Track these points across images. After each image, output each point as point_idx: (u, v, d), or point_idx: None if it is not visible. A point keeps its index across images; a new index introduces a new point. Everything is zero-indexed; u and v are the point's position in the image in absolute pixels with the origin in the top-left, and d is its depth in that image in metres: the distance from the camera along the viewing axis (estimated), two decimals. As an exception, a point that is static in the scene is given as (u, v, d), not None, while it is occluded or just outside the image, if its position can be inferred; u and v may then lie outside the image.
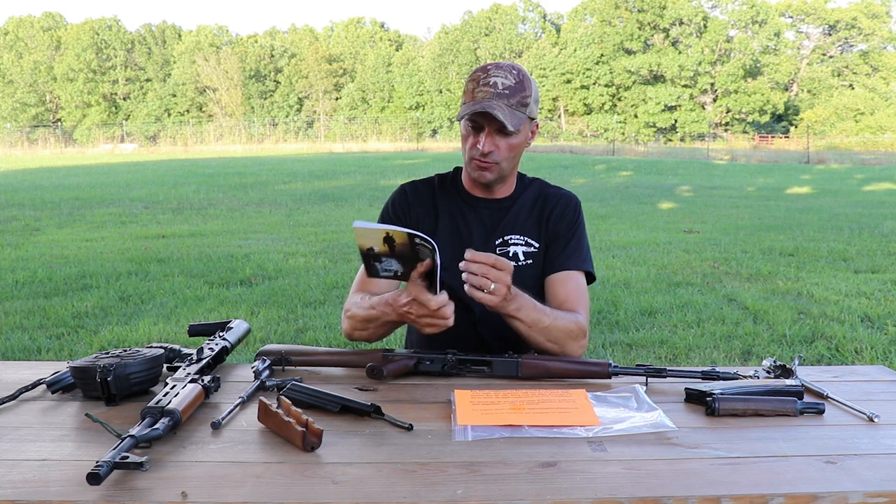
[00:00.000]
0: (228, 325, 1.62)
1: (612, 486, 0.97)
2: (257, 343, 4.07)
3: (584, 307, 1.63)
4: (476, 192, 1.73)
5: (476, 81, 1.58)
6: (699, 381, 1.40)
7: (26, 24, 63.83)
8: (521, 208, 1.72)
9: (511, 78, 1.57)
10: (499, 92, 1.55)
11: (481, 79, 1.57)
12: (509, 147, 1.61)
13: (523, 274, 1.66)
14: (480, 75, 1.58)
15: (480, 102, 1.54)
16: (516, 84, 1.57)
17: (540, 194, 1.75)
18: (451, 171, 1.81)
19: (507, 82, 1.56)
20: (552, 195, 1.75)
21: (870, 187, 16.32)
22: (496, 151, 1.59)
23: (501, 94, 1.56)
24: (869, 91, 50.51)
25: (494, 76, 1.57)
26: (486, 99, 1.55)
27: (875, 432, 1.18)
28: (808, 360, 3.91)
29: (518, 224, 1.71)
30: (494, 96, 1.55)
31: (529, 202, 1.74)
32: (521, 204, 1.73)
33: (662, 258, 6.92)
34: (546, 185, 1.78)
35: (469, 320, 1.65)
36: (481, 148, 1.58)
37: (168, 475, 0.99)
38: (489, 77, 1.57)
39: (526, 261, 1.68)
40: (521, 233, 1.70)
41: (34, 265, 6.52)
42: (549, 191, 1.76)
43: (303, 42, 65.96)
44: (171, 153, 39.03)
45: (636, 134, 51.80)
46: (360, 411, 1.21)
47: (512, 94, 1.56)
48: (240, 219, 10.26)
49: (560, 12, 75.72)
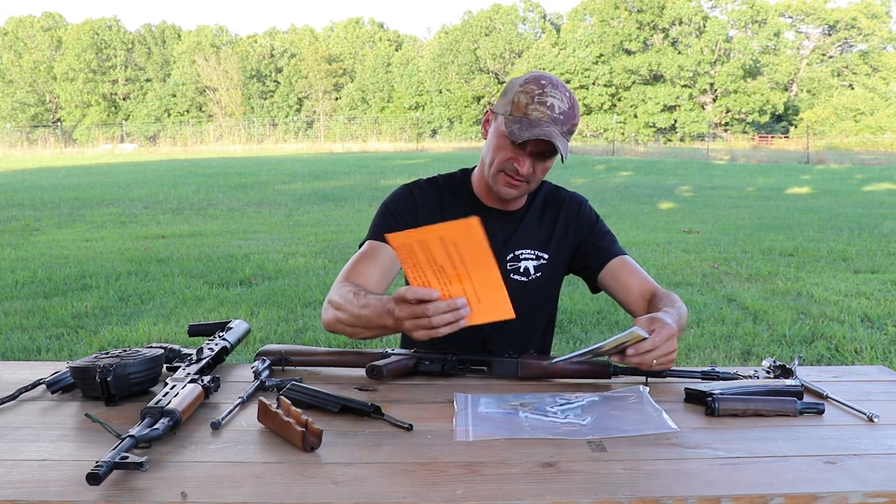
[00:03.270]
0: (228, 326, 1.62)
1: (612, 486, 0.97)
2: (257, 343, 4.07)
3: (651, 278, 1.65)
4: (489, 202, 1.67)
5: (530, 96, 1.49)
6: (699, 382, 1.40)
7: (26, 24, 63.81)
8: (532, 220, 1.69)
9: (566, 102, 1.50)
10: (555, 116, 1.48)
11: (536, 95, 1.48)
12: (544, 170, 1.57)
13: (534, 288, 1.66)
14: (535, 90, 1.49)
15: (540, 126, 1.46)
16: (569, 109, 1.50)
17: (546, 200, 1.72)
18: (459, 174, 1.73)
19: (563, 106, 1.49)
20: (562, 198, 1.72)
21: (870, 187, 16.32)
22: (531, 174, 1.55)
23: (557, 120, 1.48)
24: (869, 91, 50.51)
25: (551, 97, 1.48)
26: (545, 122, 1.47)
27: (875, 432, 1.18)
28: (807, 360, 3.91)
29: (528, 237, 1.67)
30: (552, 121, 1.48)
31: (539, 208, 1.70)
32: (531, 215, 1.69)
33: (662, 258, 6.92)
34: (552, 188, 1.75)
35: (478, 338, 1.64)
36: (523, 170, 1.52)
37: (168, 475, 0.99)
38: (545, 96, 1.48)
39: (536, 274, 1.67)
40: (532, 246, 1.67)
41: (34, 265, 6.52)
42: (555, 194, 1.73)
43: (303, 42, 65.98)
44: (171, 153, 39.03)
45: (636, 134, 51.81)
46: (360, 411, 1.21)
47: (565, 121, 1.50)
48: (240, 219, 10.25)
49: (560, 12, 75.74)
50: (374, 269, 1.58)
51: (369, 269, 1.58)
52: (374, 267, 1.59)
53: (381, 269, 1.59)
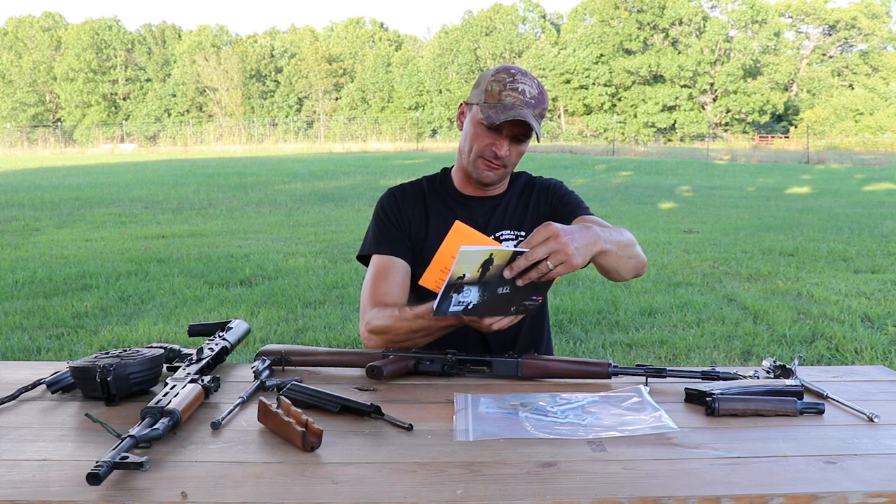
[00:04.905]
0: (228, 326, 1.62)
1: (612, 486, 0.97)
2: (257, 343, 4.07)
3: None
4: (467, 190, 1.75)
5: (502, 84, 1.56)
6: (699, 381, 1.40)
7: (26, 24, 63.84)
8: (510, 202, 1.75)
9: (535, 88, 1.58)
10: (527, 100, 1.55)
11: (508, 83, 1.56)
12: (519, 153, 1.64)
13: None
14: (506, 78, 1.57)
15: (515, 109, 1.53)
16: (539, 94, 1.58)
17: (525, 185, 1.79)
18: (439, 173, 1.82)
19: (533, 92, 1.57)
20: (536, 182, 1.80)
21: (870, 187, 16.32)
22: (507, 157, 1.62)
23: (529, 104, 1.56)
24: (869, 91, 50.53)
25: (521, 83, 1.56)
26: (518, 106, 1.54)
27: (875, 432, 1.18)
28: (807, 360, 3.92)
29: (507, 218, 1.73)
30: (524, 104, 1.55)
31: (517, 193, 1.77)
32: (509, 198, 1.76)
33: (662, 258, 6.92)
34: (530, 176, 1.82)
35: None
36: (501, 153, 1.59)
37: (168, 475, 0.99)
38: (517, 83, 1.56)
39: None
40: (511, 226, 1.73)
41: (34, 265, 6.52)
42: (533, 181, 1.81)
43: (303, 42, 66.00)
44: (171, 153, 39.04)
45: (636, 134, 51.81)
46: (360, 411, 1.21)
47: (536, 105, 1.57)
48: (240, 219, 10.26)
49: (560, 12, 75.78)
50: (396, 285, 1.64)
51: (392, 286, 1.64)
52: (394, 283, 1.65)
53: (401, 282, 1.66)
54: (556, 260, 1.24)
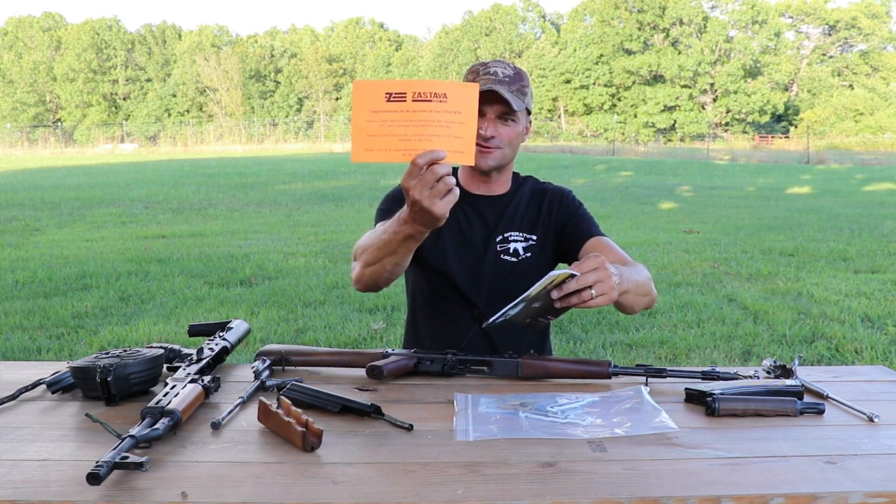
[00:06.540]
0: (228, 326, 1.62)
1: (612, 486, 0.97)
2: (257, 343, 4.07)
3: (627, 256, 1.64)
4: (474, 188, 1.75)
5: (475, 73, 1.63)
6: (699, 382, 1.40)
7: (26, 24, 63.84)
8: (519, 203, 1.76)
9: (510, 69, 1.63)
10: (500, 79, 1.60)
11: (481, 70, 1.63)
12: (509, 133, 1.65)
13: (524, 269, 1.70)
14: (479, 67, 1.64)
15: (487, 85, 1.57)
16: (515, 74, 1.63)
17: (535, 189, 1.80)
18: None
19: (507, 72, 1.62)
20: (547, 189, 1.81)
21: (870, 187, 16.32)
22: (497, 137, 1.63)
23: (503, 81, 1.60)
24: (869, 91, 50.52)
25: (494, 67, 1.63)
26: (491, 83, 1.58)
27: (875, 432, 1.18)
28: (808, 360, 3.91)
29: (517, 219, 1.74)
30: (496, 82, 1.59)
31: (526, 197, 1.78)
32: (519, 199, 1.76)
33: (662, 258, 6.92)
34: (538, 182, 1.83)
35: (473, 316, 1.68)
36: (484, 132, 1.61)
37: (168, 475, 0.99)
38: (489, 68, 1.62)
39: (525, 255, 1.72)
40: (520, 228, 1.74)
41: (34, 265, 6.52)
42: (543, 186, 1.82)
43: (303, 42, 66.01)
44: (171, 153, 39.03)
45: (636, 134, 51.81)
46: (360, 411, 1.21)
47: (512, 82, 1.61)
48: (240, 219, 10.26)
49: (560, 12, 75.75)
50: None
51: None
52: None
53: None
54: (600, 290, 1.27)
